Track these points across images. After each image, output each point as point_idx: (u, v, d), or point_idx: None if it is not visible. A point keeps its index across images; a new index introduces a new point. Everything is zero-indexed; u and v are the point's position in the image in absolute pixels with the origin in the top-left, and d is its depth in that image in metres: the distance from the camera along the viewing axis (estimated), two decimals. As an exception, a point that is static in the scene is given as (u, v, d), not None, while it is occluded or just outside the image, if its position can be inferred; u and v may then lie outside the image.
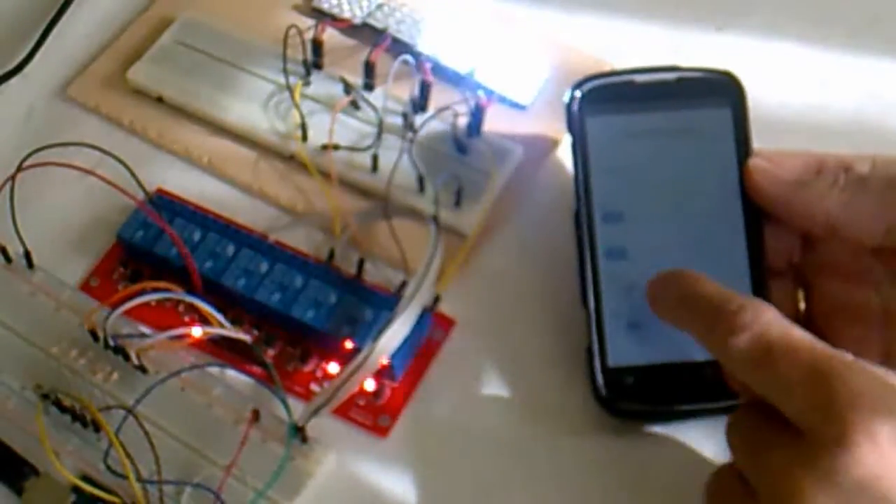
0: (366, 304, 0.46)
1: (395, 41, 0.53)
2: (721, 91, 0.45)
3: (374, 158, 0.50)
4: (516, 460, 0.44)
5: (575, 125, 0.45)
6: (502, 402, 0.46)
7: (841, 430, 0.34)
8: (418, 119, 0.51)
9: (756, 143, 0.45)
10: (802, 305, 0.45)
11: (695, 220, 0.45)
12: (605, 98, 0.45)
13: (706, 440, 0.44)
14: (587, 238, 0.44)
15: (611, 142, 0.45)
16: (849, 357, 0.36)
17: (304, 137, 0.51)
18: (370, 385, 0.45)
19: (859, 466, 0.34)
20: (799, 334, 0.37)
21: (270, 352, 0.47)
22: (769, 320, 0.37)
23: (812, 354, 0.36)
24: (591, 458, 0.44)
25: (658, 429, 0.45)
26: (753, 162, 0.44)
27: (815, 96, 0.53)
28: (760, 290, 0.44)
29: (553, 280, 0.48)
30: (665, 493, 0.43)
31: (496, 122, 0.51)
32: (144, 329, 0.47)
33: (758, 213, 0.44)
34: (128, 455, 0.41)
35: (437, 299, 0.47)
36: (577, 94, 0.45)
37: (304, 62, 0.53)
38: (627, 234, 0.45)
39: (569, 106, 0.45)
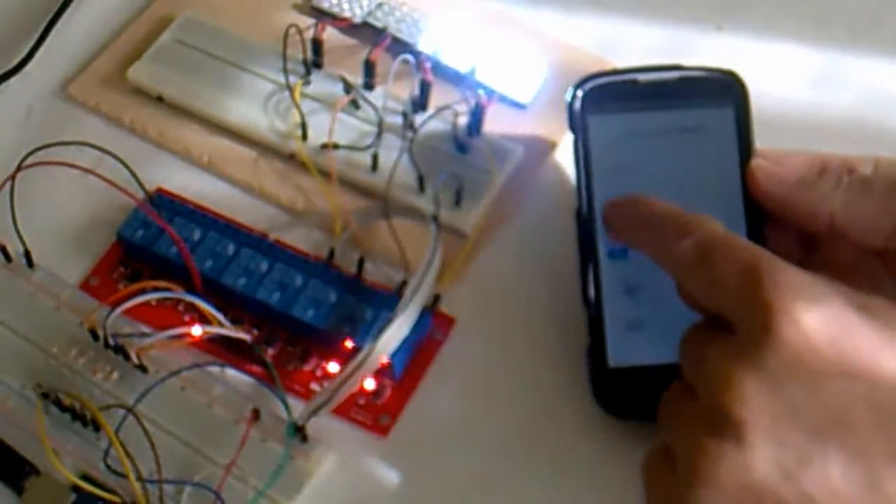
0: (366, 304, 0.46)
1: (395, 40, 0.53)
2: (724, 90, 0.45)
3: (375, 158, 0.50)
4: (517, 460, 0.44)
5: (577, 124, 0.45)
6: (502, 402, 0.46)
7: (766, 318, 0.35)
8: (418, 118, 0.51)
9: (756, 143, 0.45)
10: None
11: None
12: (608, 97, 0.45)
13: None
14: (589, 237, 0.44)
15: (613, 141, 0.45)
16: (780, 258, 0.37)
17: (304, 136, 0.51)
18: (370, 384, 0.45)
19: (785, 351, 0.35)
20: (739, 238, 0.38)
21: (270, 351, 0.47)
22: (714, 227, 0.39)
23: (747, 253, 0.37)
24: (591, 459, 0.44)
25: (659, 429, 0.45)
26: (756, 162, 0.44)
27: (815, 96, 0.53)
28: None
29: (553, 280, 0.48)
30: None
31: (496, 121, 0.51)
32: (144, 328, 0.47)
33: (759, 213, 0.44)
34: (128, 454, 0.41)
35: (437, 299, 0.47)
36: (579, 92, 0.45)
37: (304, 61, 0.53)
38: None
39: (571, 104, 0.45)
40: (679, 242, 0.39)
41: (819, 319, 0.35)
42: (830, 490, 0.35)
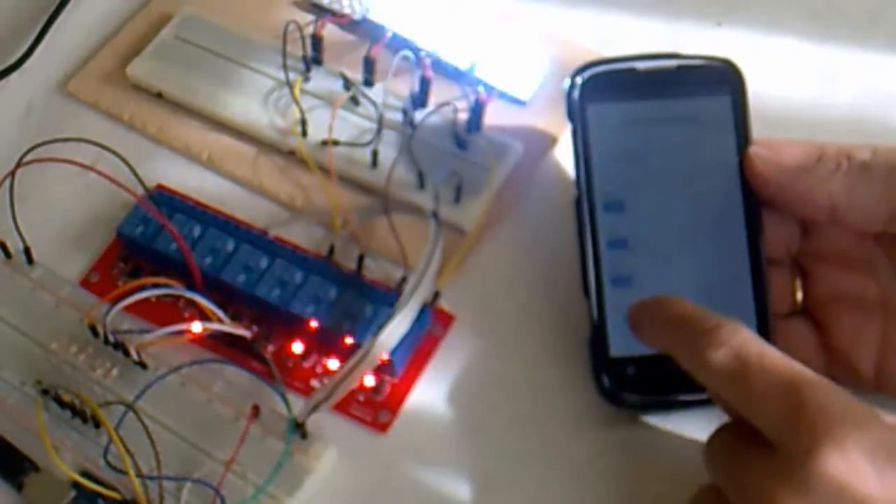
0: (366, 300, 0.46)
1: (395, 37, 0.53)
2: (721, 79, 0.45)
3: (374, 154, 0.50)
4: (518, 454, 0.44)
5: (575, 113, 0.45)
6: (503, 397, 0.46)
7: (810, 441, 0.35)
8: (418, 115, 0.51)
9: (754, 137, 0.45)
10: (800, 295, 0.45)
11: (695, 208, 0.45)
12: (606, 85, 0.45)
13: (708, 429, 0.44)
14: (588, 226, 0.44)
15: (611, 129, 0.45)
16: (819, 377, 0.36)
17: (304, 133, 0.51)
18: (370, 381, 0.45)
19: (831, 478, 0.34)
20: (774, 352, 0.37)
21: (270, 347, 0.47)
22: (745, 337, 0.38)
23: (786, 370, 0.37)
24: (594, 450, 0.44)
25: (660, 419, 0.45)
26: (754, 150, 0.44)
27: (815, 92, 0.53)
28: (759, 278, 0.44)
29: (553, 275, 0.48)
30: (668, 482, 0.43)
31: (496, 117, 0.51)
32: (144, 325, 0.47)
33: (757, 202, 0.44)
34: (127, 451, 0.41)
35: (436, 295, 0.47)
36: (578, 80, 0.45)
37: (304, 58, 0.52)
38: (628, 222, 0.45)
39: (569, 93, 0.45)
40: (712, 352, 0.37)
41: (864, 447, 0.35)
42: None
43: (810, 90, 0.53)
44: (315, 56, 0.53)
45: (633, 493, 0.43)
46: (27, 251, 0.48)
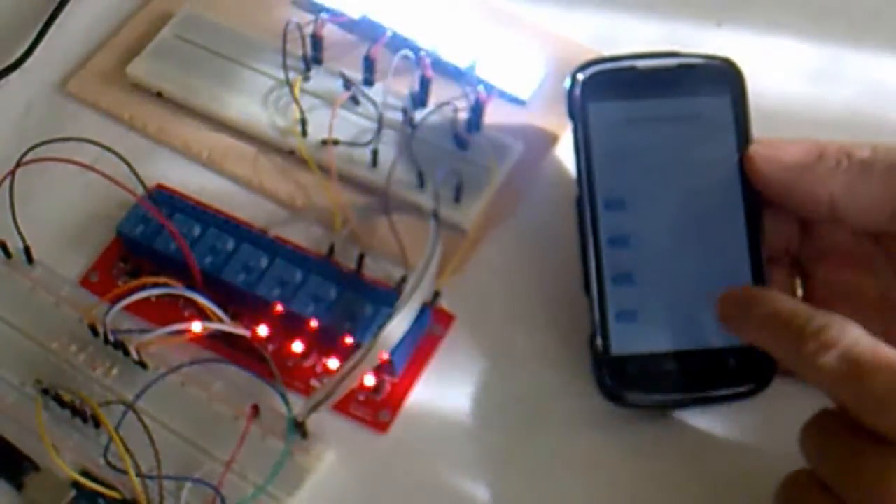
0: (366, 300, 0.46)
1: (395, 36, 0.53)
2: (721, 78, 0.45)
3: (374, 153, 0.50)
4: (518, 454, 0.44)
5: (576, 111, 0.45)
6: (503, 397, 0.46)
7: None
8: (418, 114, 0.51)
9: (754, 136, 0.45)
10: (800, 293, 0.45)
11: (695, 207, 0.45)
12: (607, 84, 0.45)
13: (710, 428, 0.44)
14: (589, 225, 0.44)
15: (612, 127, 0.45)
16: None
17: (304, 132, 0.51)
18: (370, 380, 0.45)
19: None
20: (887, 350, 0.37)
21: (270, 347, 0.46)
22: (856, 337, 0.37)
23: None
24: (595, 450, 0.44)
25: (661, 418, 0.45)
26: (754, 148, 0.44)
27: (815, 92, 0.53)
28: (760, 277, 0.44)
29: (553, 274, 0.48)
30: (669, 481, 0.43)
31: (496, 117, 0.51)
32: (144, 324, 0.47)
33: (757, 201, 0.44)
34: (127, 450, 0.41)
35: (436, 295, 0.47)
36: (579, 79, 0.45)
37: (304, 57, 0.52)
38: (629, 220, 0.45)
39: (570, 92, 0.45)
40: (822, 357, 0.37)
41: None
42: None
43: (810, 89, 0.53)
44: (315, 56, 0.53)
45: (634, 492, 0.43)
46: (27, 251, 0.48)
